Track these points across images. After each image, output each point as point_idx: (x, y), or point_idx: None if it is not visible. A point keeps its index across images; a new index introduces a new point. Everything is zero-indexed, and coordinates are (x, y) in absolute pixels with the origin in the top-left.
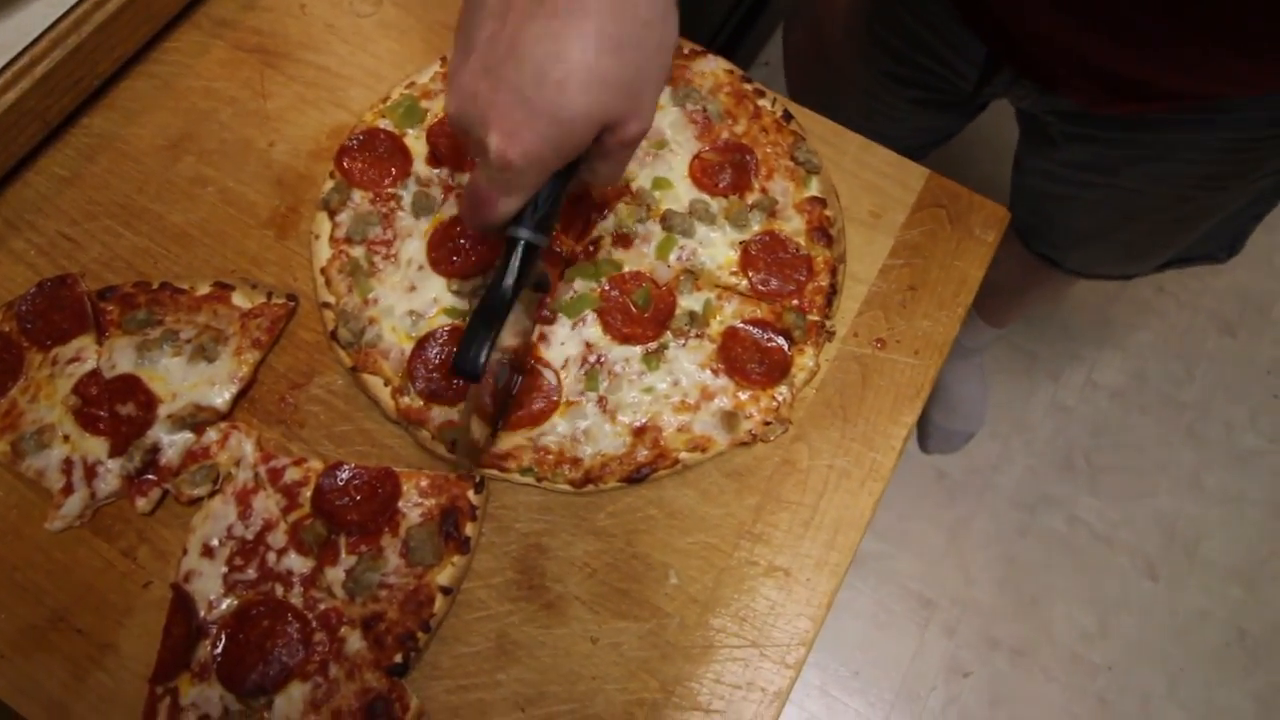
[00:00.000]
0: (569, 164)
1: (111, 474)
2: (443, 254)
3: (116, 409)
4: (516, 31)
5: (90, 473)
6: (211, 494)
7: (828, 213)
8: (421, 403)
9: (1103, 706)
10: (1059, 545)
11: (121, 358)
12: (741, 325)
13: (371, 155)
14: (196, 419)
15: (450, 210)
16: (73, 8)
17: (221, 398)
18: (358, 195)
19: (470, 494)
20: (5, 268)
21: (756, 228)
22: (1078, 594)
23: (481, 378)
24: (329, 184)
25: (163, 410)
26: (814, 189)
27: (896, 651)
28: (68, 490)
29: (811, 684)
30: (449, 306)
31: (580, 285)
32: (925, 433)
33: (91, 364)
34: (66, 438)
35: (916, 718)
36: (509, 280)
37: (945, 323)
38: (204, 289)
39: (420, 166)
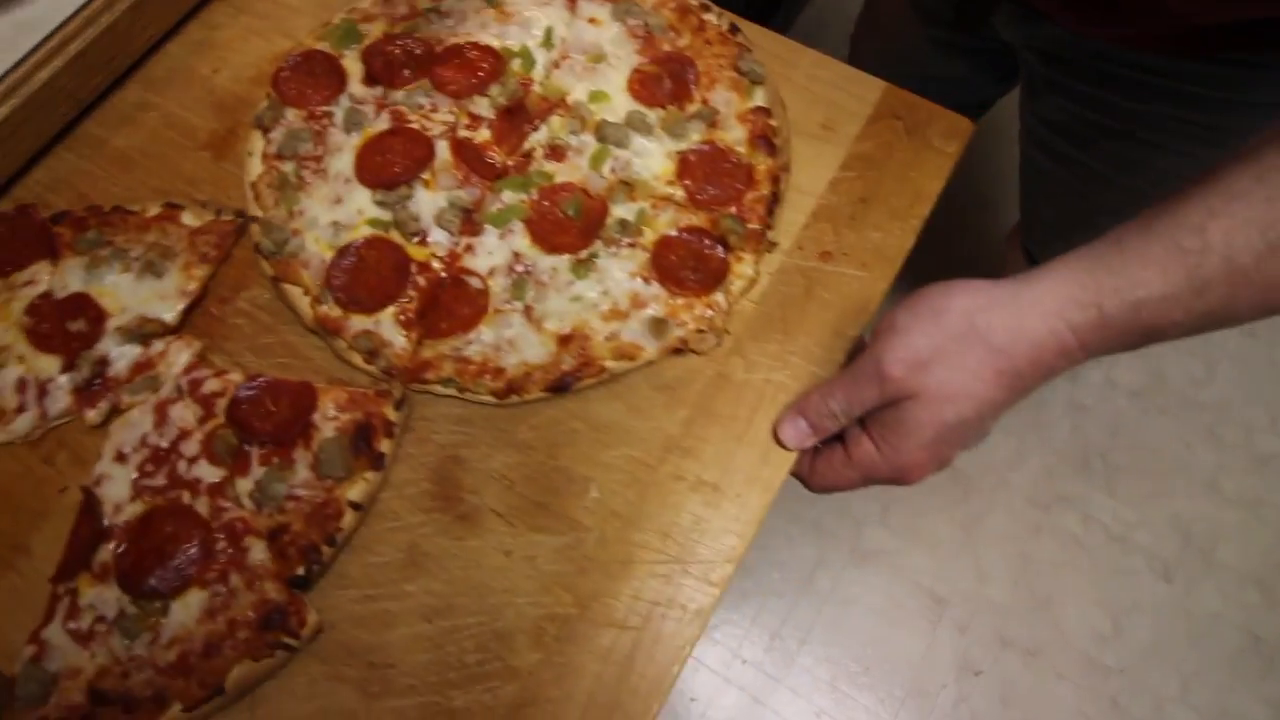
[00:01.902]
0: None
1: (63, 390)
2: (370, 166)
3: (67, 325)
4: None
5: (42, 391)
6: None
7: (771, 122)
8: (339, 311)
9: (1115, 709)
10: (1074, 545)
11: (72, 277)
12: (676, 233)
13: (307, 75)
14: (145, 331)
15: (381, 125)
16: None
17: (171, 312)
18: (291, 113)
19: (389, 410)
20: None
21: (696, 138)
22: (1092, 595)
23: None
24: (264, 103)
25: (111, 323)
26: (758, 99)
27: (907, 648)
28: (20, 410)
29: (820, 678)
30: (372, 217)
31: (509, 196)
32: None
33: (44, 285)
34: (21, 358)
35: (926, 715)
36: None
37: (898, 235)
38: (154, 210)
39: (355, 86)
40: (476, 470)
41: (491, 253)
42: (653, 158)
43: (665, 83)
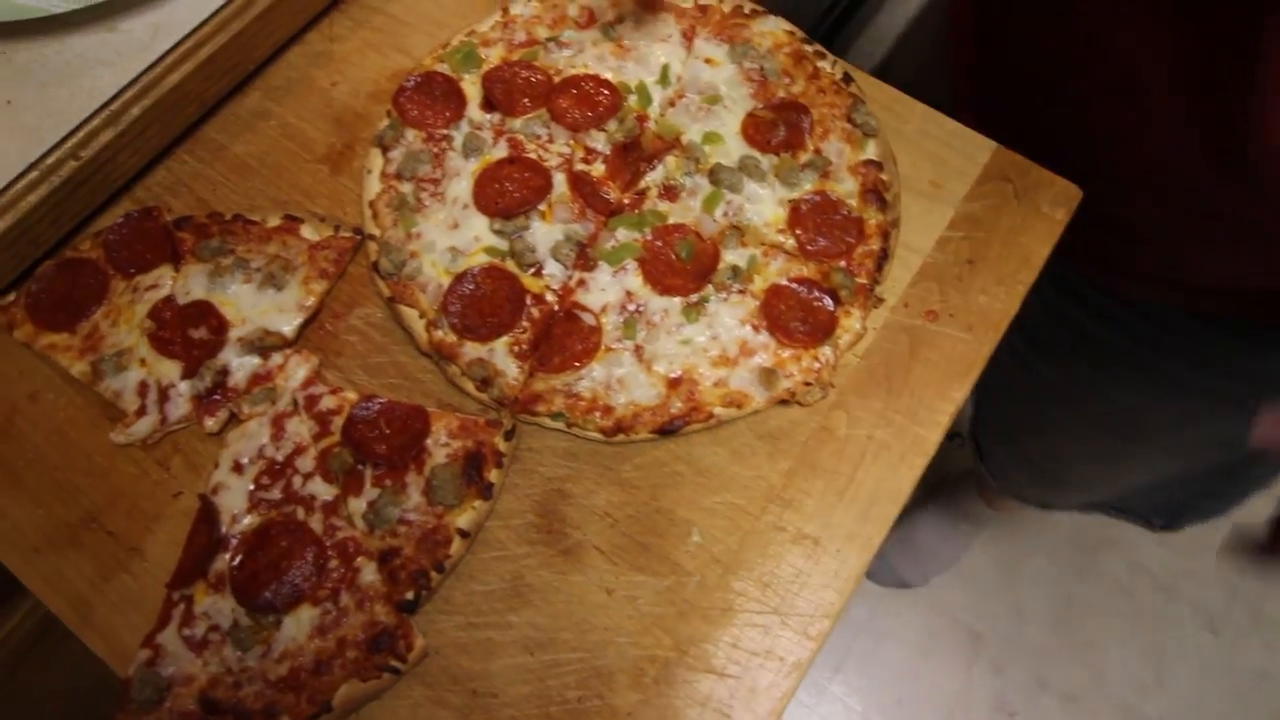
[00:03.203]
0: None
1: (183, 397)
2: (487, 194)
3: (189, 332)
4: None
5: (163, 396)
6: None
7: (883, 176)
8: (454, 337)
9: None
10: (1119, 591)
11: (195, 284)
12: (786, 282)
13: (427, 97)
14: (265, 344)
15: (499, 152)
16: None
17: (290, 325)
18: (411, 134)
19: (499, 440)
20: None
21: (808, 187)
22: (1135, 642)
23: None
24: (384, 122)
25: (233, 334)
26: (870, 152)
27: (942, 683)
28: (141, 412)
29: (854, 709)
30: (489, 245)
31: (623, 234)
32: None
33: (167, 290)
34: (143, 361)
35: None
36: None
37: (1004, 299)
38: (274, 221)
39: (474, 110)
40: (581, 505)
41: (604, 289)
42: (765, 204)
43: (780, 129)
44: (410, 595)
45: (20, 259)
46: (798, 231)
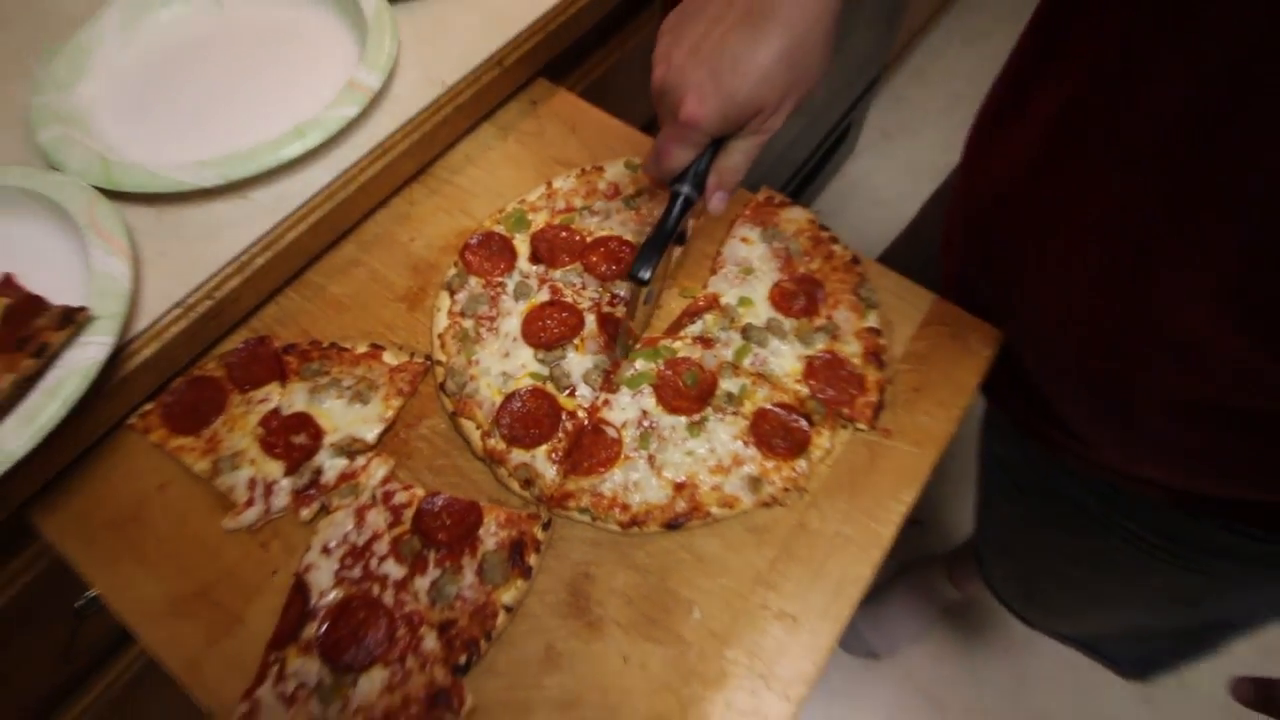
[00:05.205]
0: (721, 138)
1: (284, 491)
2: (533, 330)
3: (291, 439)
4: (726, 32)
5: (268, 490)
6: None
7: (881, 341)
8: (504, 445)
9: None
10: (1064, 665)
11: (297, 399)
12: (770, 407)
13: (487, 251)
14: (351, 448)
15: (543, 296)
16: (343, 172)
17: (372, 433)
18: (473, 280)
19: (537, 530)
20: None
21: (820, 346)
22: (1080, 712)
23: (648, 284)
24: (452, 270)
25: (326, 440)
26: (872, 320)
27: None
28: (249, 503)
29: None
30: (533, 371)
31: (641, 364)
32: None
33: (274, 403)
34: (253, 461)
35: None
36: (670, 222)
37: (943, 420)
38: (362, 348)
39: (523, 263)
40: (603, 586)
41: (624, 409)
42: (785, 358)
43: (800, 299)
44: (463, 660)
45: (159, 376)
46: (811, 382)
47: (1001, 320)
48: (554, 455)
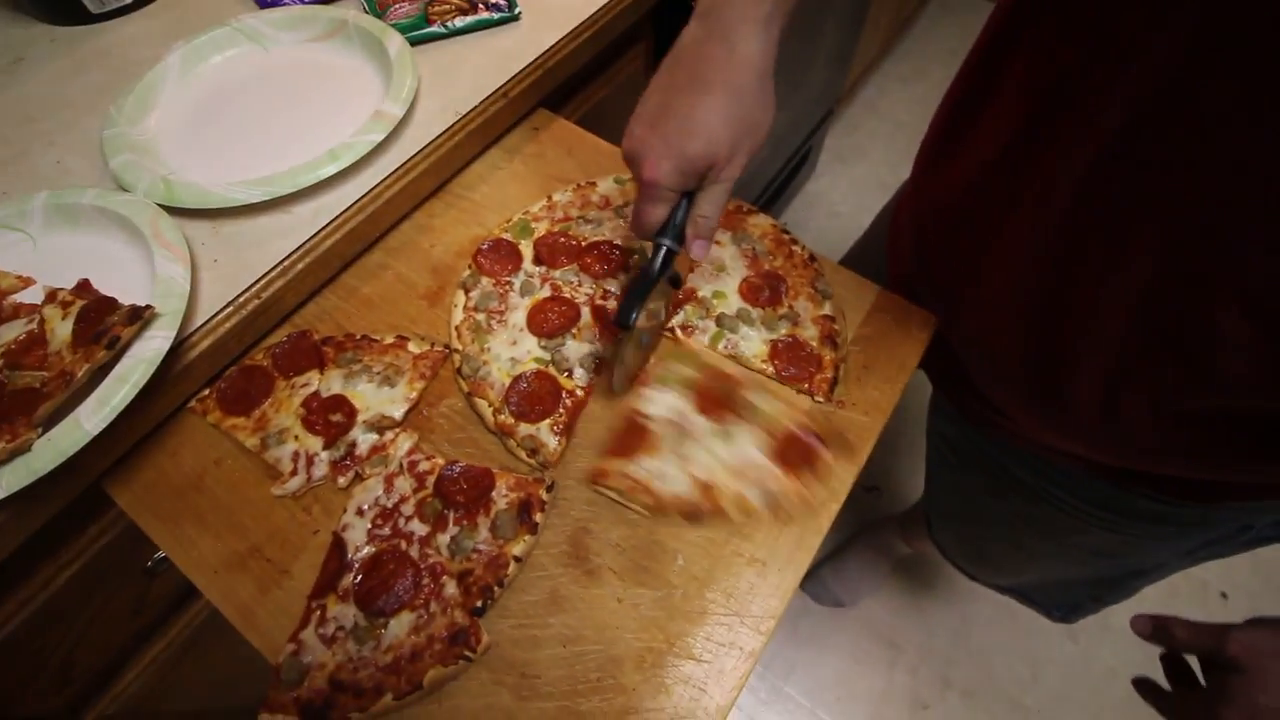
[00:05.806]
0: (691, 192)
1: (323, 462)
2: (536, 321)
3: (329, 417)
4: (673, 99)
5: (309, 461)
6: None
7: (835, 326)
8: (512, 420)
9: None
10: (1002, 609)
11: (334, 383)
12: (797, 430)
13: (496, 255)
14: (381, 425)
15: (545, 293)
16: (371, 189)
17: (399, 411)
18: (485, 280)
19: (542, 492)
20: None
21: (783, 331)
22: (1015, 649)
23: (632, 329)
24: (466, 272)
25: (360, 418)
26: (827, 309)
27: (870, 684)
28: (294, 473)
29: (803, 705)
30: (537, 356)
31: (674, 367)
32: (811, 576)
33: (314, 387)
34: (296, 437)
35: None
36: (654, 269)
37: (889, 393)
38: (389, 339)
39: (527, 264)
40: (600, 539)
41: (656, 403)
42: (753, 342)
43: (765, 291)
44: (479, 604)
45: (215, 366)
46: (775, 362)
47: (943, 326)
48: (555, 428)
